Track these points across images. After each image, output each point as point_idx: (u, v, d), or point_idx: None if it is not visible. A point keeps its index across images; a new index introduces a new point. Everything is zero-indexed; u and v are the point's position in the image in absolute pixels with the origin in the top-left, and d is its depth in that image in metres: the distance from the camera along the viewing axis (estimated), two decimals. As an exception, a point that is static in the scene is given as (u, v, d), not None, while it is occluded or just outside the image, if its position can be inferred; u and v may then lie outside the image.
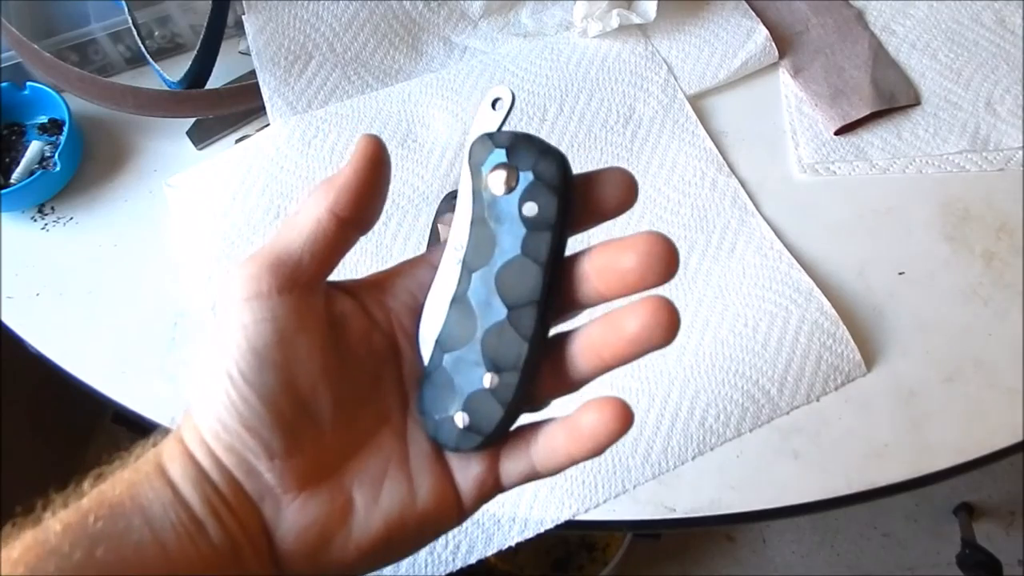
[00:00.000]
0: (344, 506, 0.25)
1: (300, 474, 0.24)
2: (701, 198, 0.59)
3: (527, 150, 0.25)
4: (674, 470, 0.50)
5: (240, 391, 0.23)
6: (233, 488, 0.24)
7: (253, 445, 0.24)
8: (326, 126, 0.62)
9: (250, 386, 0.23)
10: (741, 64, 0.65)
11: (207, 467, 0.24)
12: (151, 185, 0.63)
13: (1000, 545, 1.17)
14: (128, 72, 0.69)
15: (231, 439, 0.24)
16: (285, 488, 0.24)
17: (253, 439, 0.24)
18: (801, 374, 0.52)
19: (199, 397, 0.24)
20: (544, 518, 0.49)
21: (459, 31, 0.67)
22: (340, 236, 0.25)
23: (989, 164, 0.61)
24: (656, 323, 0.24)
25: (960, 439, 0.51)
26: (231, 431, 0.24)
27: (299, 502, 0.25)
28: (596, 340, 0.25)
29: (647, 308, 0.24)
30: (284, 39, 0.64)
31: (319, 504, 0.25)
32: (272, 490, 0.24)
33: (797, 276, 0.55)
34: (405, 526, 0.26)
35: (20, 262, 0.60)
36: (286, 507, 0.25)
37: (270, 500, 0.24)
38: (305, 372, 0.24)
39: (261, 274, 0.24)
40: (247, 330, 0.23)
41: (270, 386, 0.23)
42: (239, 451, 0.24)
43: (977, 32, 0.67)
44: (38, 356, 0.56)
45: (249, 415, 0.23)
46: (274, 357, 0.24)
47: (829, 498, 0.50)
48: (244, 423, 0.24)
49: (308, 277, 0.25)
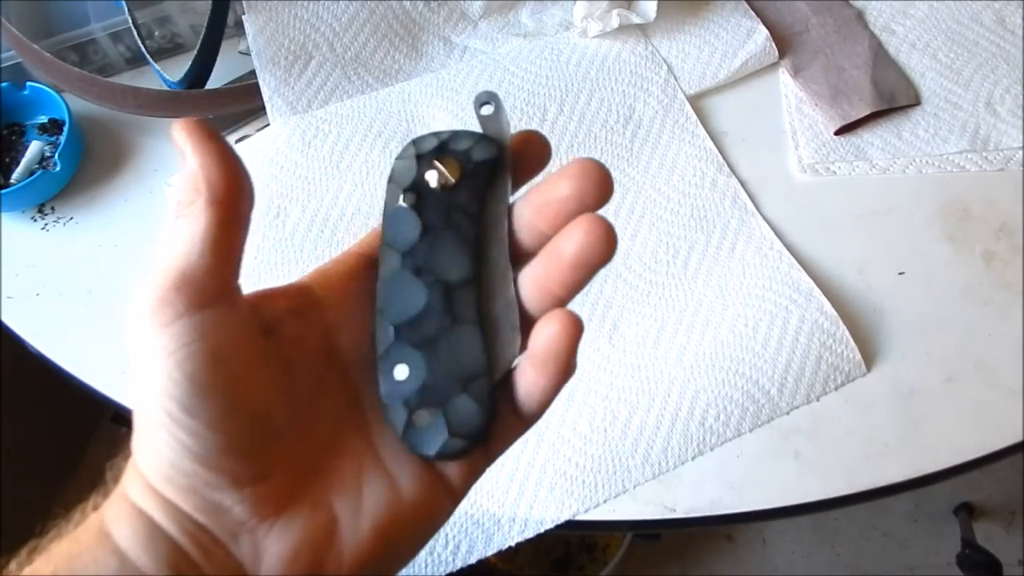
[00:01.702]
0: (328, 520, 0.23)
1: (274, 497, 0.23)
2: (701, 198, 0.59)
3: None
4: (674, 470, 0.50)
5: (185, 426, 0.21)
6: (195, 538, 0.22)
7: (215, 479, 0.22)
8: (326, 126, 0.62)
9: (194, 417, 0.21)
10: (741, 64, 0.65)
11: (161, 521, 0.22)
12: (151, 185, 0.63)
13: (1000, 545, 1.17)
14: (128, 72, 0.69)
15: (189, 480, 0.22)
16: (261, 517, 0.22)
17: (214, 473, 0.22)
18: (801, 374, 0.52)
19: (139, 445, 0.22)
20: (544, 518, 0.49)
21: (459, 31, 0.67)
22: (232, 222, 0.23)
23: (989, 164, 0.61)
24: (593, 239, 0.23)
25: (960, 439, 0.51)
26: (187, 472, 0.21)
27: (279, 528, 0.23)
28: (540, 275, 0.25)
29: (580, 227, 0.23)
30: (284, 39, 0.64)
31: (301, 524, 0.23)
32: (245, 524, 0.22)
33: (797, 276, 0.55)
34: (398, 525, 0.24)
35: (20, 262, 0.60)
36: (264, 537, 0.22)
37: (246, 537, 0.22)
38: (250, 387, 0.22)
39: (170, 296, 0.22)
40: (175, 358, 0.21)
41: (217, 411, 0.21)
42: (201, 491, 0.22)
43: (977, 32, 0.67)
44: (38, 356, 0.56)
45: (201, 449, 0.21)
46: (213, 379, 0.21)
47: (829, 498, 0.50)
48: (198, 459, 0.21)
49: (221, 283, 0.23)
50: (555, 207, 0.24)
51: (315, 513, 0.23)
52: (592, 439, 0.51)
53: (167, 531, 0.22)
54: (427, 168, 0.26)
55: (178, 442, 0.21)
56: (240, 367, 0.22)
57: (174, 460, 0.21)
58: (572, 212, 0.24)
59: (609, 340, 0.54)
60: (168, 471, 0.22)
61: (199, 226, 0.23)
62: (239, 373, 0.22)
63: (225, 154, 0.23)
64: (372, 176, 0.61)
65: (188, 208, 0.23)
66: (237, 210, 0.23)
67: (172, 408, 0.21)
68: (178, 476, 0.22)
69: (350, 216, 0.59)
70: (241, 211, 0.24)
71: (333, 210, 0.59)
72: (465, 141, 0.26)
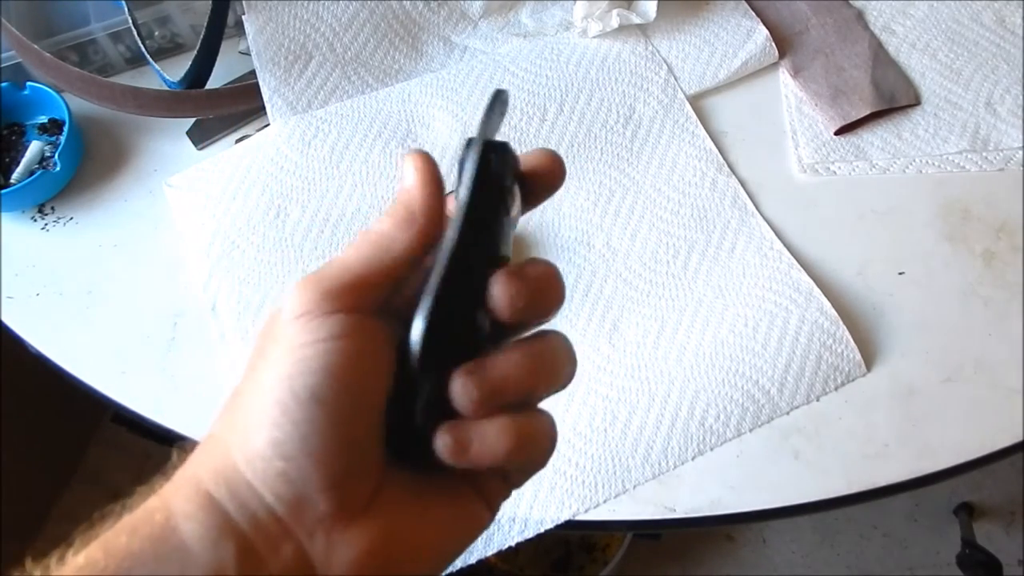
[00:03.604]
0: (400, 526, 0.24)
1: (360, 500, 0.23)
2: (701, 198, 0.59)
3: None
4: (674, 470, 0.50)
5: (304, 414, 0.22)
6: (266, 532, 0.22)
7: (311, 473, 0.22)
8: (326, 126, 0.62)
9: (320, 405, 0.22)
10: (741, 64, 0.65)
11: (234, 511, 0.22)
12: (151, 185, 0.63)
13: (1000, 545, 1.17)
14: (128, 72, 0.69)
15: (284, 467, 0.22)
16: (342, 518, 0.23)
17: (315, 467, 0.22)
18: (801, 374, 0.52)
19: (234, 425, 0.23)
20: (544, 518, 0.49)
21: (459, 31, 0.67)
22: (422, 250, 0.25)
23: (989, 164, 0.61)
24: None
25: (960, 439, 0.51)
26: (286, 456, 0.22)
27: (355, 530, 0.23)
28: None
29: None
30: (284, 39, 0.64)
31: (377, 528, 0.23)
32: (324, 520, 0.22)
33: (797, 276, 0.55)
34: (456, 539, 0.25)
35: (20, 262, 0.60)
36: (340, 536, 0.23)
37: (321, 535, 0.22)
38: (375, 393, 0.23)
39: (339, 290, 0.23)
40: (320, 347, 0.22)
41: (341, 407, 0.22)
42: (293, 480, 0.22)
43: (977, 32, 0.67)
44: (38, 356, 0.56)
45: (312, 439, 0.22)
46: (349, 376, 0.22)
47: (829, 498, 0.50)
48: (303, 449, 0.22)
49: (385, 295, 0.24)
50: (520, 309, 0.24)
51: (389, 518, 0.24)
52: (592, 439, 0.51)
53: (238, 524, 0.22)
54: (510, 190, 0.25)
55: (287, 428, 0.22)
56: (371, 372, 0.23)
57: (277, 444, 0.22)
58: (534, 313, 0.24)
59: (609, 340, 0.54)
60: (265, 454, 0.22)
61: (404, 241, 0.24)
62: (369, 381, 0.23)
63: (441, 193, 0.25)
64: (372, 176, 0.61)
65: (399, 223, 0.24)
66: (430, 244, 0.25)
67: (298, 392, 0.22)
68: (275, 460, 0.22)
69: (350, 216, 0.59)
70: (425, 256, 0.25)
71: (333, 210, 0.59)
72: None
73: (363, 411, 0.23)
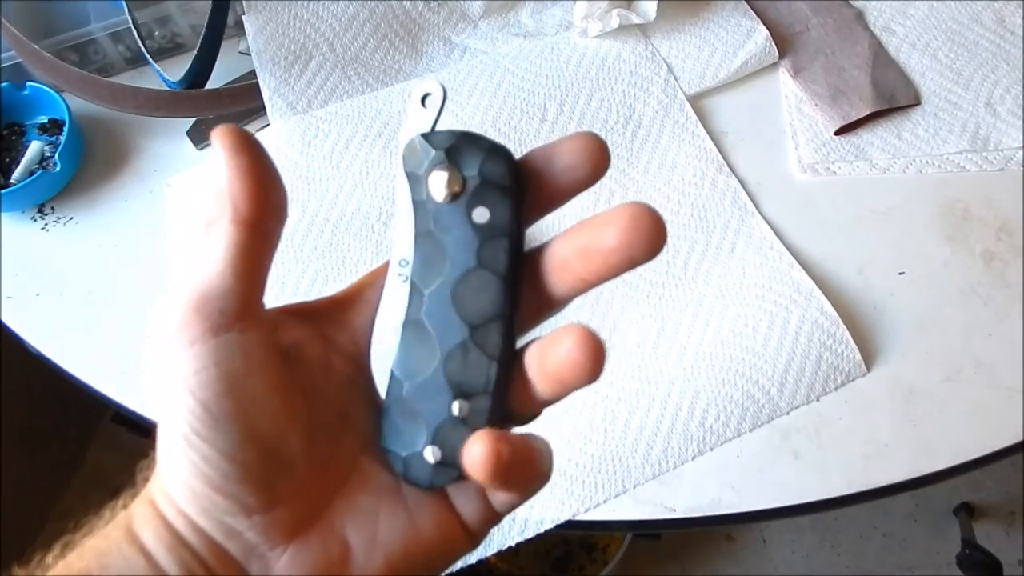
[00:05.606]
0: (340, 549, 0.23)
1: (284, 526, 0.22)
2: (701, 198, 0.59)
3: (470, 150, 0.22)
4: (674, 470, 0.50)
5: (200, 451, 0.21)
6: (214, 550, 0.22)
7: (227, 506, 0.22)
8: (326, 126, 0.62)
9: (209, 444, 0.21)
10: (741, 64, 0.65)
11: (182, 530, 0.22)
12: (151, 185, 0.63)
13: (1000, 545, 1.17)
14: (128, 72, 0.69)
15: (203, 503, 0.22)
16: (272, 543, 0.22)
17: (225, 500, 0.21)
18: (801, 374, 0.52)
19: (162, 459, 0.22)
20: (544, 518, 0.49)
21: (459, 31, 0.67)
22: (257, 242, 0.22)
23: (989, 164, 0.61)
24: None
25: (960, 439, 0.51)
26: (200, 495, 0.21)
27: (289, 555, 0.22)
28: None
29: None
30: (284, 39, 0.64)
31: (312, 553, 0.23)
32: (256, 548, 0.22)
33: (797, 276, 0.55)
34: (411, 560, 0.24)
35: (20, 262, 0.60)
36: (275, 563, 0.22)
37: (256, 560, 0.22)
38: (265, 416, 0.22)
39: (189, 319, 0.21)
40: (189, 383, 0.21)
41: (230, 440, 0.21)
42: (214, 514, 0.22)
43: (977, 32, 0.67)
44: (38, 356, 0.56)
45: (215, 475, 0.21)
46: (226, 408, 0.21)
47: (829, 498, 0.50)
48: (211, 485, 0.21)
49: (242, 306, 0.22)
50: (598, 257, 0.22)
51: (327, 542, 0.23)
52: (592, 439, 0.51)
53: (187, 541, 0.22)
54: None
55: (193, 464, 0.21)
56: (255, 395, 0.22)
57: (189, 483, 0.21)
58: (617, 266, 0.22)
59: (609, 340, 0.54)
60: (185, 490, 0.22)
61: (222, 246, 0.22)
62: (254, 402, 0.22)
63: (255, 168, 0.22)
64: (372, 176, 0.61)
65: (212, 226, 0.22)
66: (263, 230, 0.22)
67: (187, 432, 0.21)
68: (193, 498, 0.22)
69: (350, 216, 0.59)
70: (267, 231, 0.22)
71: (333, 210, 0.59)
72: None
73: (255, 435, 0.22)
